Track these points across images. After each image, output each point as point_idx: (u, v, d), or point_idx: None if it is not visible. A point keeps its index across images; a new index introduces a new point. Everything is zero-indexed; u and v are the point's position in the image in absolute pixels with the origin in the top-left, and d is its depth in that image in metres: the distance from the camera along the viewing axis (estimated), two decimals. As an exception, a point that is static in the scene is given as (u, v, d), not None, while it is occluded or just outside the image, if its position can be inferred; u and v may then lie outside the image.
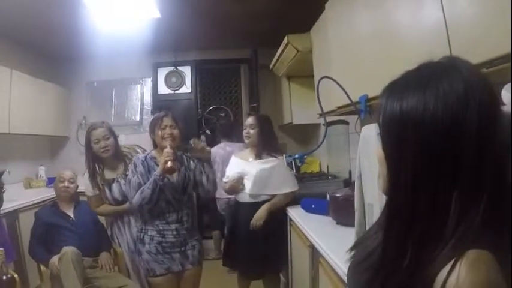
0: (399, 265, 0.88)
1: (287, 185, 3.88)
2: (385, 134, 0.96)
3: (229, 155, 4.88)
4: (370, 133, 2.00)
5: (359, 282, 1.10)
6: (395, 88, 0.96)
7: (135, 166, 3.29)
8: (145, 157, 3.36)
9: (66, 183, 4.03)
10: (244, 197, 3.94)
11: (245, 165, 3.94)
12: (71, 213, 3.97)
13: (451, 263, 0.79)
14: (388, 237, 0.95)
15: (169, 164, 3.08)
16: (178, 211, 3.34)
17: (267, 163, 3.85)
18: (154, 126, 3.35)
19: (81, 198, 4.13)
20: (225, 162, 4.73)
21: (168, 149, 3.15)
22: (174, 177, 3.30)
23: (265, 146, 3.92)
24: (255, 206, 3.83)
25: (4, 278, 2.30)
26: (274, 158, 3.87)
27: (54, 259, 3.45)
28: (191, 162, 3.51)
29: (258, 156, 3.93)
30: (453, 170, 0.84)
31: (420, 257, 0.86)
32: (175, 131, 3.33)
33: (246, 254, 3.85)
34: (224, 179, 4.10)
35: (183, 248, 3.34)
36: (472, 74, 0.89)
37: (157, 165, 3.26)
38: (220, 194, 5.75)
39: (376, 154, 1.04)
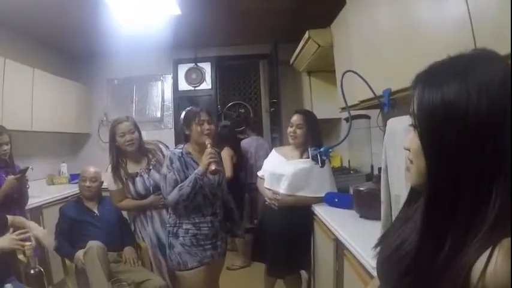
0: (436, 256, 0.88)
1: (326, 188, 3.73)
2: (424, 124, 0.93)
3: (260, 146, 5.97)
4: (396, 126, 2.00)
5: (391, 275, 1.09)
6: (432, 77, 0.94)
7: (171, 162, 3.20)
8: (181, 153, 3.27)
9: (87, 183, 4.01)
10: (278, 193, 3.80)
11: (284, 163, 3.84)
12: (95, 209, 3.98)
13: (488, 251, 0.79)
14: (428, 228, 0.93)
15: (213, 166, 3.02)
16: (213, 204, 3.34)
17: (307, 163, 3.64)
18: (190, 120, 3.29)
19: (105, 193, 4.13)
20: (257, 151, 5.85)
21: (210, 149, 3.11)
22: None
23: (312, 145, 3.54)
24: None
25: (32, 271, 2.34)
26: None
27: (80, 253, 3.47)
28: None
29: (300, 156, 3.83)
30: (495, 159, 0.83)
31: (458, 247, 0.85)
32: (212, 127, 3.32)
33: (272, 251, 3.79)
34: (259, 173, 4.18)
35: (214, 240, 3.33)
36: (507, 64, 0.89)
37: (194, 161, 3.26)
38: (250, 179, 5.94)
39: (409, 146, 1.02)
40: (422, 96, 0.92)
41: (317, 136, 3.82)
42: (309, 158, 3.44)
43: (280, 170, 3.81)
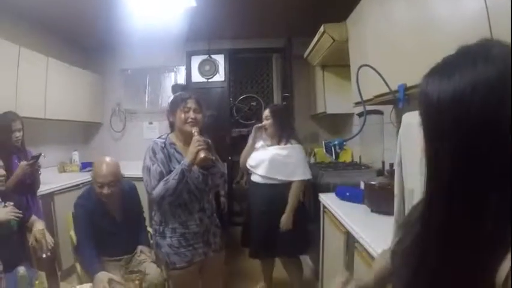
0: (443, 258, 0.86)
1: (299, 173, 4.05)
2: (424, 120, 0.90)
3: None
4: (413, 120, 1.98)
5: (405, 270, 1.07)
6: (437, 73, 0.92)
7: (154, 153, 2.95)
8: (164, 143, 3.02)
9: (105, 190, 3.33)
10: (258, 178, 4.19)
11: (264, 150, 4.20)
12: (115, 212, 3.54)
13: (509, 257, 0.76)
14: (427, 238, 0.90)
15: (202, 154, 2.77)
16: (201, 200, 3.09)
17: (283, 150, 4.07)
18: (176, 107, 3.05)
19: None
20: None
21: (197, 137, 2.85)
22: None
23: (282, 134, 4.14)
24: (267, 187, 4.11)
25: (44, 256, 2.36)
26: (290, 145, 4.09)
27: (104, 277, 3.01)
28: None
29: (276, 143, 4.16)
30: (501, 158, 0.77)
31: (466, 251, 0.82)
32: (199, 116, 3.03)
33: (256, 233, 4.20)
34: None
35: (205, 237, 3.12)
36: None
37: (178, 152, 3.02)
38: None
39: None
40: (425, 90, 0.90)
41: (284, 124, 4.19)
42: (285, 145, 4.08)
43: (261, 156, 4.17)
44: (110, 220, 3.50)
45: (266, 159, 4.09)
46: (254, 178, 4.27)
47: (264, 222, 4.11)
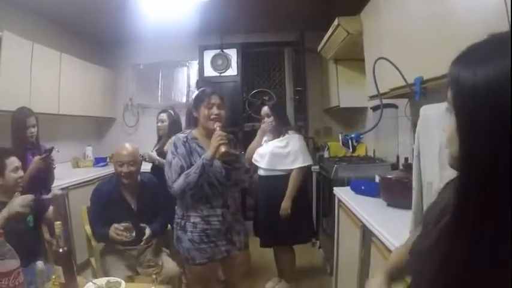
0: (472, 259, 0.82)
1: (299, 161, 4.24)
2: (456, 106, 0.87)
3: None
4: (431, 112, 1.96)
5: (425, 271, 1.05)
6: (468, 60, 0.90)
7: (176, 147, 2.97)
8: (186, 137, 3.03)
9: (125, 169, 3.57)
10: (262, 172, 4.45)
11: (266, 144, 4.43)
12: (133, 202, 3.69)
13: None
14: (460, 228, 0.86)
15: (223, 148, 2.80)
16: (223, 194, 3.04)
17: (281, 141, 4.29)
18: (200, 102, 3.04)
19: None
20: None
21: (219, 131, 2.87)
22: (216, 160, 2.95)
23: (281, 128, 4.36)
24: (271, 178, 4.35)
25: (61, 250, 2.35)
26: (287, 136, 4.31)
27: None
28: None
29: (277, 137, 4.37)
30: None
31: (498, 248, 0.79)
32: (223, 112, 3.03)
33: (263, 224, 4.44)
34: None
35: (228, 235, 3.08)
36: None
37: (200, 146, 3.02)
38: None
39: (444, 133, 0.98)
40: (458, 77, 0.87)
41: (282, 119, 4.48)
42: (284, 136, 4.30)
43: (263, 150, 4.41)
44: (126, 209, 3.61)
45: (267, 152, 4.32)
46: (259, 172, 4.50)
47: (269, 213, 4.31)
